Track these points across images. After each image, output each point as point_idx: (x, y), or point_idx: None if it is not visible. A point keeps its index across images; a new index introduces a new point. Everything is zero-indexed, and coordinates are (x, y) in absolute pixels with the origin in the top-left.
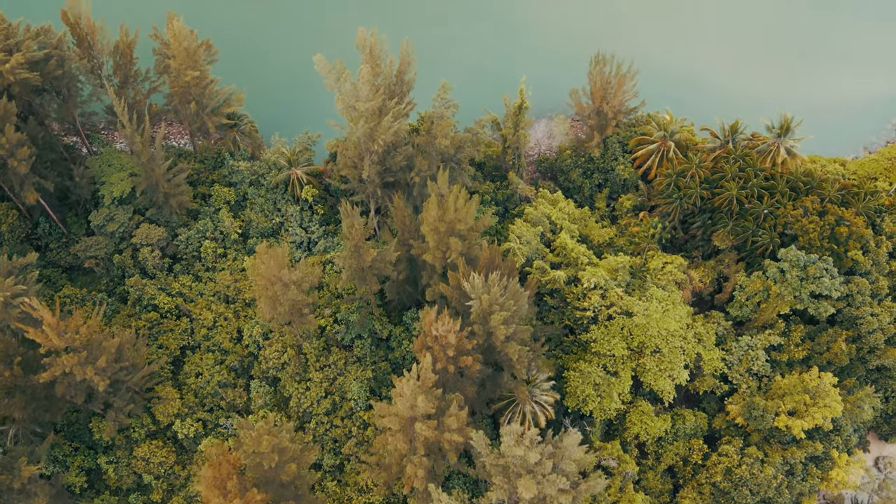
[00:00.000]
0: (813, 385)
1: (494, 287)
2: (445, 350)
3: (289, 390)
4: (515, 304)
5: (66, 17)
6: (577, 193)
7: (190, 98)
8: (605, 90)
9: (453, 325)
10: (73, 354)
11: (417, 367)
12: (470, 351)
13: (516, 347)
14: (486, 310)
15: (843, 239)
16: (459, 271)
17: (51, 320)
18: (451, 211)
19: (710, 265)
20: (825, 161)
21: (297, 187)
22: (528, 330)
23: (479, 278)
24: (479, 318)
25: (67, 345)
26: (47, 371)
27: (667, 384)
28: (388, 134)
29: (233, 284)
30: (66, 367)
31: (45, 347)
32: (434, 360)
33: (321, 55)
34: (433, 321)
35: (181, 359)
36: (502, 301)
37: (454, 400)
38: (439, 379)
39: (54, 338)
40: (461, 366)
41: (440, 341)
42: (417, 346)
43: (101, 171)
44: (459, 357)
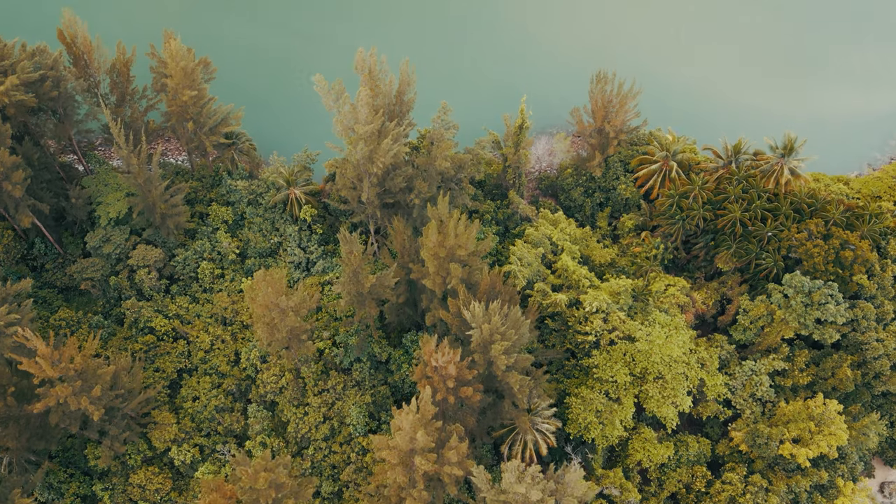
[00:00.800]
0: (818, 412)
1: (495, 316)
2: (445, 381)
3: (287, 415)
4: (517, 333)
5: (63, 36)
6: (579, 212)
7: (187, 117)
8: (606, 109)
9: (453, 356)
10: (67, 384)
11: (417, 399)
12: (470, 381)
13: (517, 377)
14: (487, 339)
15: (848, 263)
16: (460, 298)
17: (44, 351)
18: (452, 237)
19: (713, 287)
20: (829, 180)
21: (296, 207)
22: (530, 359)
23: (479, 307)
24: (480, 346)
25: (61, 374)
26: (41, 401)
27: (670, 411)
28: (388, 157)
29: (230, 306)
30: (60, 397)
31: (39, 378)
32: (434, 391)
33: (320, 75)
34: (433, 351)
35: (178, 382)
36: (503, 330)
37: (454, 431)
38: (439, 408)
39: (48, 369)
40: (462, 396)
41: (440, 372)
42: (417, 374)
43: (97, 192)
44: (460, 387)
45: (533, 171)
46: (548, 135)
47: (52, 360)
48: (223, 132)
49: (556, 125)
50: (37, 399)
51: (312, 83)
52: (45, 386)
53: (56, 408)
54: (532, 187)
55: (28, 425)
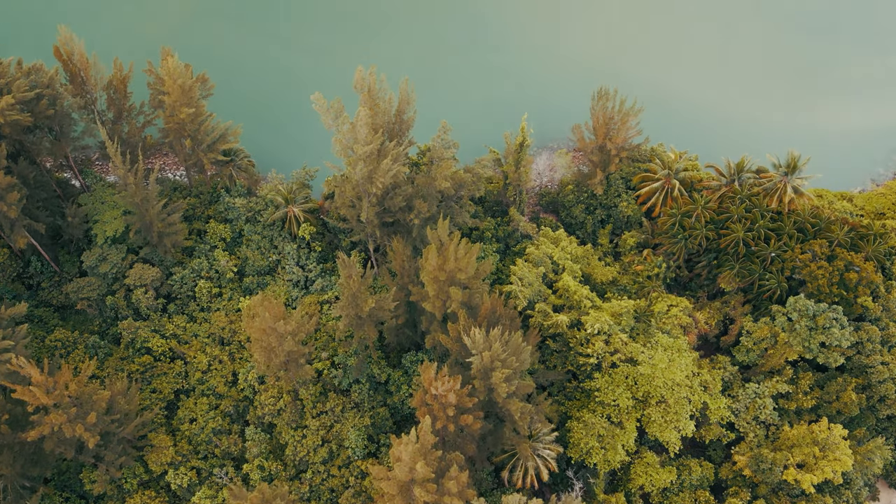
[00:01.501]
0: (822, 437)
1: (496, 343)
2: (445, 409)
3: (285, 437)
4: (518, 360)
5: (59, 54)
6: (580, 229)
7: (185, 134)
8: (607, 126)
9: (453, 384)
10: (61, 412)
11: (416, 428)
12: (471, 409)
13: (519, 405)
14: (488, 366)
15: (853, 285)
16: (460, 323)
17: (39, 379)
18: (452, 261)
19: (716, 306)
20: (832, 196)
21: (295, 225)
22: (531, 386)
23: (479, 333)
24: (480, 373)
25: (56, 401)
26: (35, 429)
27: (672, 435)
28: (387, 177)
29: (228, 326)
30: (55, 425)
31: (33, 405)
32: (434, 419)
33: (319, 94)
34: (433, 379)
35: (175, 403)
36: (504, 357)
37: (454, 460)
38: (439, 435)
39: (42, 397)
40: (462, 424)
41: (440, 400)
42: (416, 401)
43: (93, 210)
44: (460, 415)
45: (534, 186)
46: (549, 150)
47: (46, 388)
48: (221, 149)
49: (558, 139)
50: (31, 426)
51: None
52: (40, 413)
53: (51, 435)
54: (533, 203)
55: (22, 451)
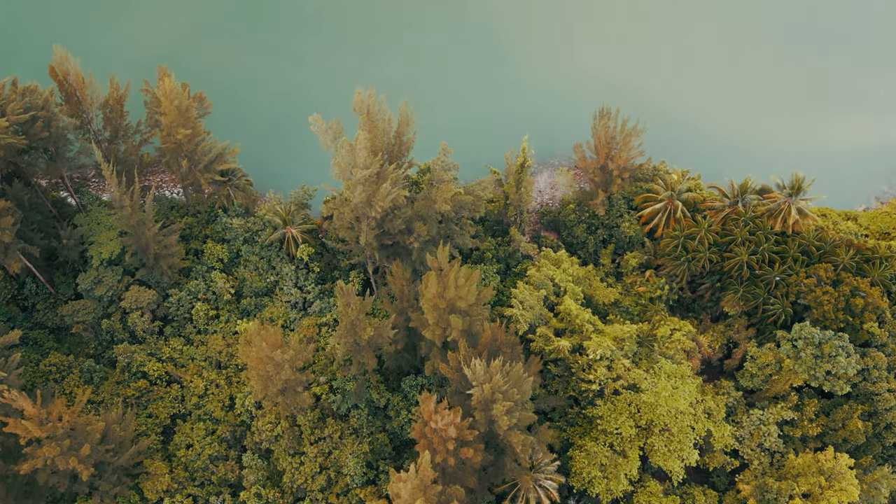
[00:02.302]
0: (828, 466)
1: (497, 375)
2: (445, 443)
3: (282, 464)
4: (519, 391)
5: (55, 73)
6: (581, 249)
7: (182, 155)
8: (609, 146)
9: (453, 417)
10: (54, 444)
11: (415, 462)
12: (471, 442)
13: (520, 437)
14: (489, 398)
15: (859, 311)
16: (460, 352)
17: (31, 411)
18: (452, 289)
19: (720, 329)
20: (836, 216)
21: (293, 246)
22: (533, 418)
23: (480, 364)
24: (481, 404)
25: (49, 434)
26: (28, 462)
27: (676, 465)
28: (387, 201)
29: (225, 349)
30: (48, 458)
31: (26, 438)
32: (433, 452)
33: (318, 115)
34: (432, 412)
35: (171, 428)
36: (505, 389)
37: (454, 495)
38: (438, 468)
39: (35, 430)
40: (462, 457)
41: (440, 433)
42: (416, 432)
43: (89, 231)
44: (460, 448)
45: (535, 204)
46: (550, 167)
47: (39, 420)
48: (218, 169)
49: (559, 155)
50: (24, 459)
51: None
52: (33, 445)
53: (44, 468)
54: (534, 221)
55: (15, 483)
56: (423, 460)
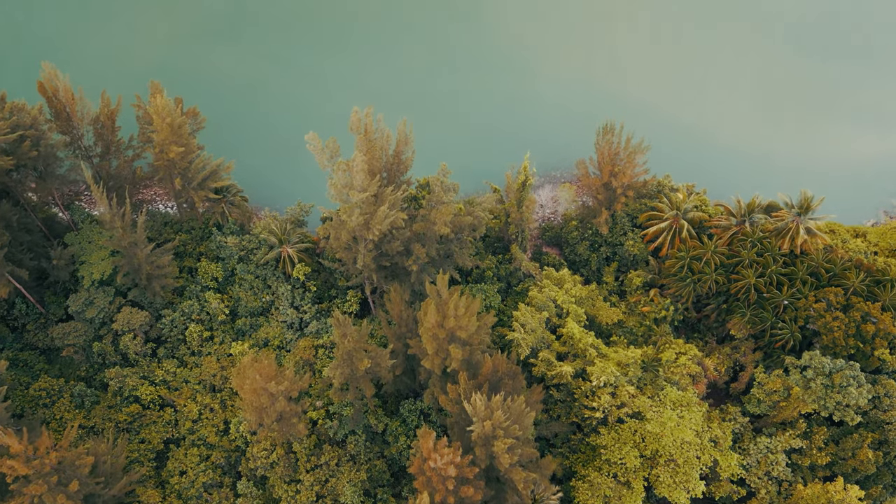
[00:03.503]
0: (838, 498)
1: (497, 411)
2: (445, 482)
3: (278, 492)
4: (521, 428)
5: (43, 90)
6: (584, 267)
7: (175, 172)
8: (613, 163)
9: (453, 456)
10: (42, 481)
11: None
12: (472, 480)
13: (522, 475)
14: (489, 434)
15: (870, 337)
16: (460, 385)
17: (17, 448)
18: (452, 319)
19: (726, 352)
20: (845, 234)
21: (289, 265)
22: (536, 454)
23: (481, 400)
24: (481, 440)
25: (36, 470)
26: (14, 500)
27: (682, 496)
28: (385, 224)
29: (219, 372)
30: (35, 496)
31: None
32: (432, 491)
33: (314, 133)
34: (431, 450)
35: (164, 453)
36: (507, 425)
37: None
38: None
39: (21, 468)
40: (462, 496)
41: (439, 472)
42: (414, 468)
43: (80, 250)
44: (461, 487)
45: (536, 219)
46: (552, 181)
47: (25, 457)
48: (213, 187)
49: (561, 167)
50: (10, 495)
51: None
52: (20, 482)
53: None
54: (535, 236)
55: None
56: (421, 501)
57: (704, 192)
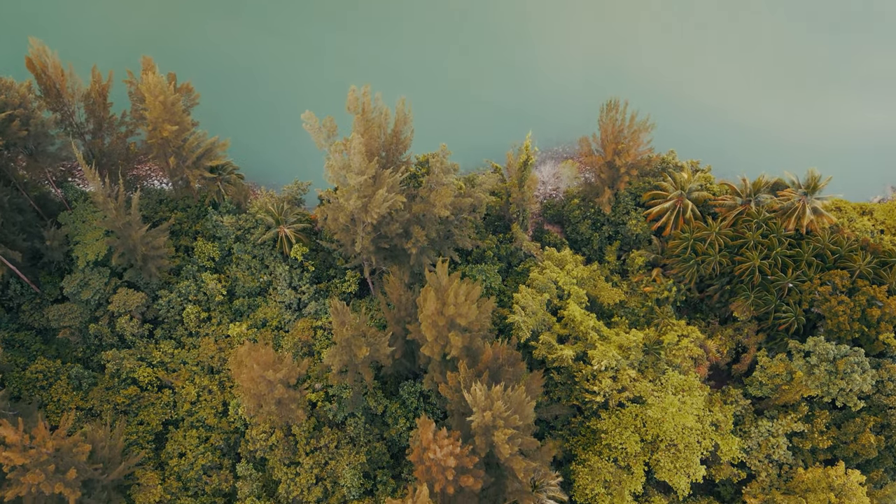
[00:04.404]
0: (839, 483)
1: (498, 401)
2: (445, 472)
3: (277, 474)
4: (521, 418)
5: (32, 66)
6: (586, 246)
7: (169, 151)
8: (617, 141)
9: (453, 447)
10: (39, 470)
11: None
12: (471, 469)
13: (522, 464)
14: (489, 424)
15: (875, 321)
16: (460, 374)
17: (13, 438)
18: (451, 306)
19: (728, 333)
20: (851, 211)
21: (286, 245)
22: (536, 443)
23: (481, 389)
24: (482, 429)
25: (33, 460)
26: (12, 489)
27: (682, 481)
28: (383, 207)
29: (217, 354)
30: (32, 485)
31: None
32: (432, 480)
33: (310, 112)
34: (431, 440)
35: (163, 434)
36: (507, 416)
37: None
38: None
39: (17, 458)
40: (462, 485)
41: (439, 463)
42: (414, 456)
43: (74, 230)
44: (460, 476)
45: (538, 195)
46: (554, 157)
47: (22, 446)
48: (208, 166)
49: (564, 142)
50: (8, 484)
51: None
52: (17, 471)
53: (28, 494)
54: (536, 213)
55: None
56: (420, 493)
57: (709, 170)
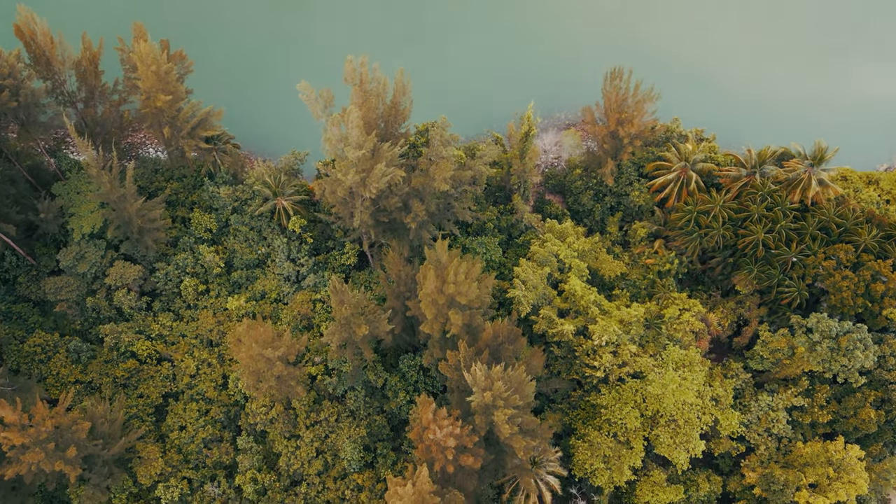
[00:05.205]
0: (838, 458)
1: (498, 382)
2: (445, 451)
3: (278, 447)
4: (521, 398)
5: (21, 33)
6: (588, 217)
7: (163, 121)
8: (620, 110)
9: (453, 427)
10: (38, 449)
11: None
12: (471, 449)
13: (522, 443)
14: (489, 404)
15: (878, 296)
16: (460, 353)
17: (12, 418)
18: (451, 285)
19: (730, 306)
20: (858, 180)
21: (284, 217)
22: (536, 422)
23: (481, 370)
24: (481, 409)
25: (32, 439)
26: (12, 467)
27: (682, 456)
28: (382, 182)
29: (216, 328)
30: (33, 463)
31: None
32: (432, 460)
33: (306, 82)
34: (431, 421)
35: (163, 407)
36: (507, 395)
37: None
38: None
39: (16, 438)
40: (462, 464)
41: (439, 443)
42: (414, 434)
43: (69, 201)
44: (460, 455)
45: (539, 164)
46: (556, 125)
47: (21, 425)
48: (203, 136)
49: (566, 109)
50: (8, 462)
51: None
52: (16, 449)
53: (28, 472)
54: (538, 183)
55: (2, 484)
56: (420, 473)
57: (713, 139)
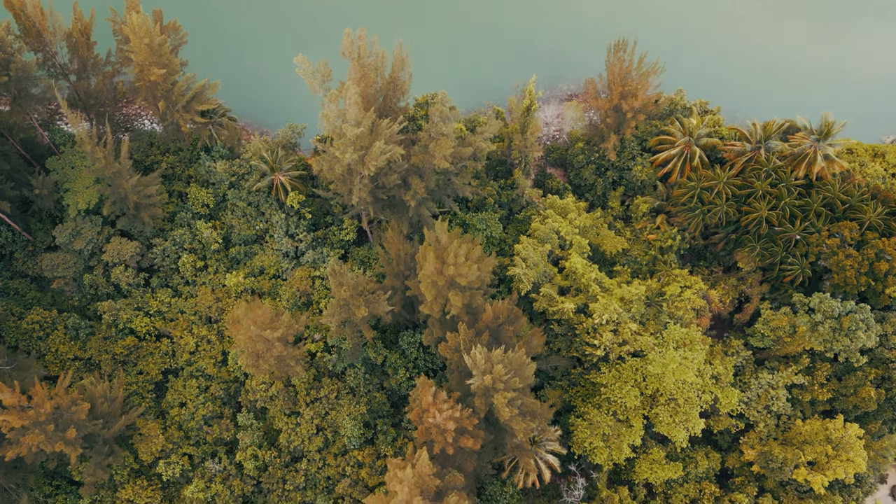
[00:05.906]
0: (837, 436)
1: (498, 365)
2: (444, 434)
3: (278, 424)
4: (521, 380)
5: (10, 4)
6: (589, 191)
7: (158, 95)
8: (624, 83)
9: (453, 410)
10: (38, 431)
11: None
12: (471, 431)
13: (522, 425)
14: (489, 387)
15: (882, 275)
16: (460, 335)
17: (11, 400)
18: (451, 267)
19: (732, 283)
20: (863, 153)
21: (282, 193)
22: (536, 404)
23: (481, 353)
24: (482, 391)
25: (32, 421)
26: (12, 449)
27: (681, 435)
28: (381, 160)
29: (214, 304)
30: (33, 445)
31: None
32: (432, 443)
33: (303, 56)
34: (430, 404)
35: (163, 383)
36: (507, 378)
37: (452, 483)
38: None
39: (15, 421)
40: (462, 446)
41: (438, 425)
42: (414, 415)
43: (64, 176)
44: (460, 437)
45: (541, 136)
46: (558, 97)
47: (20, 408)
48: (199, 109)
49: (568, 80)
50: (9, 443)
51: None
52: (15, 431)
53: (29, 452)
54: (539, 157)
55: (2, 463)
56: (420, 456)
57: (718, 111)
